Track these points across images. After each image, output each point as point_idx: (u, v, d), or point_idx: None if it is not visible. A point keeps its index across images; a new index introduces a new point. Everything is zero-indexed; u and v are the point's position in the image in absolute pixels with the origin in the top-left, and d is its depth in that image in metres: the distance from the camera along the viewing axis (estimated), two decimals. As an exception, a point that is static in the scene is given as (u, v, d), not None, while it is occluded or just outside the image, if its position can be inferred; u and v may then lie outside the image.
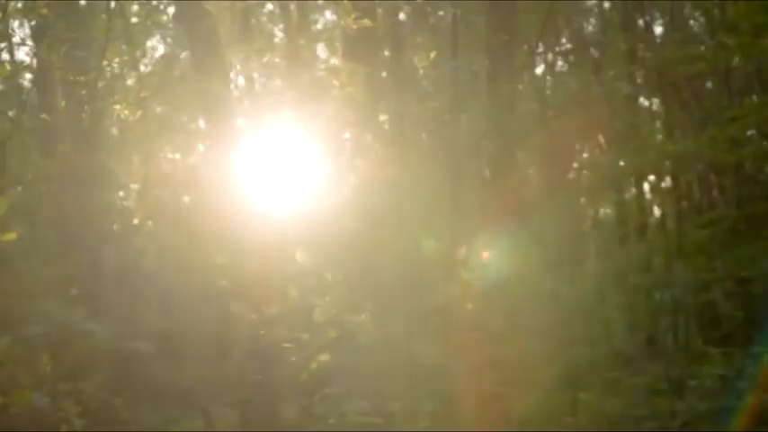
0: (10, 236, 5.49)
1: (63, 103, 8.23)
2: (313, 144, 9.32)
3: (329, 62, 7.99)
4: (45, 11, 8.26)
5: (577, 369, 11.61)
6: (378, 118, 11.46)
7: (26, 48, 13.29)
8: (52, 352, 5.34)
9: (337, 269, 6.21)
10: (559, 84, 22.04)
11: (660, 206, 23.25)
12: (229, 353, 5.82)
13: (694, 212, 19.62)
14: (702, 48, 15.48)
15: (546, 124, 16.66)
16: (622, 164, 16.50)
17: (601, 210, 24.17)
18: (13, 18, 12.94)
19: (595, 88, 18.20)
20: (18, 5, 9.72)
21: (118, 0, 10.46)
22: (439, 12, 19.28)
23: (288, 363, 5.89)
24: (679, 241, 15.49)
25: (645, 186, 21.56)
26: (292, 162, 9.04)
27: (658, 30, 20.96)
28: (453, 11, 11.74)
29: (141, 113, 11.37)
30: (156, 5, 12.43)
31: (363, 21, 7.63)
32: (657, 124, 21.42)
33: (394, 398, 6.45)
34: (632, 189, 21.06)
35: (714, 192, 20.36)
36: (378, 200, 7.80)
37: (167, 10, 14.00)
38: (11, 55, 15.01)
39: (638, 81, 18.97)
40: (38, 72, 11.34)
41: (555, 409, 11.58)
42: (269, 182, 8.72)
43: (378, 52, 14.39)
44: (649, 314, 14.69)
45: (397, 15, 18.39)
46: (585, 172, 19.94)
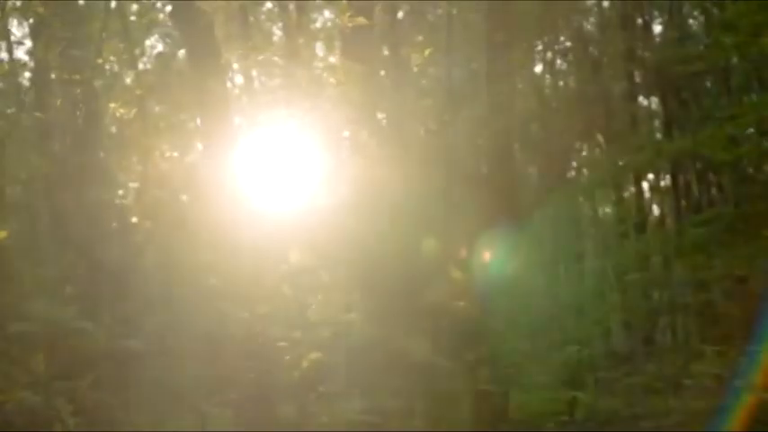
0: (1, 234, 5.47)
1: (59, 102, 8.22)
2: (310, 142, 9.31)
3: (327, 60, 7.97)
4: (41, 9, 8.25)
5: (574, 368, 11.60)
6: (375, 116, 11.44)
7: (25, 47, 13.28)
8: (44, 350, 5.34)
9: (332, 268, 6.20)
10: (559, 82, 22.02)
11: (659, 205, 23.24)
12: (223, 352, 5.81)
13: (693, 211, 19.60)
14: (701, 47, 15.46)
15: (545, 123, 16.65)
16: (621, 163, 16.48)
17: (600, 208, 24.14)
18: (12, 17, 12.94)
19: (594, 87, 18.18)
20: (17, 4, 9.71)
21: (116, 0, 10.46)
22: (438, 10, 19.25)
23: (282, 362, 5.87)
24: (677, 240, 15.47)
25: (644, 185, 21.55)
26: (289, 160, 9.03)
27: (657, 29, 20.97)
28: (449, 9, 11.74)
29: (139, 112, 11.38)
30: (153, 4, 12.41)
31: (359, 19, 7.61)
32: (656, 123, 21.38)
33: (389, 396, 6.44)
34: (631, 188, 21.03)
35: (713, 190, 20.34)
36: (373, 198, 7.80)
37: (165, 9, 13.98)
38: (9, 54, 15.01)
39: (636, 80, 18.95)
40: (35, 71, 11.33)
41: (551, 408, 11.57)
42: (265, 180, 8.71)
43: (376, 50, 14.37)
44: (647, 313, 14.66)
45: (396, 14, 18.39)
46: (585, 170, 19.95)
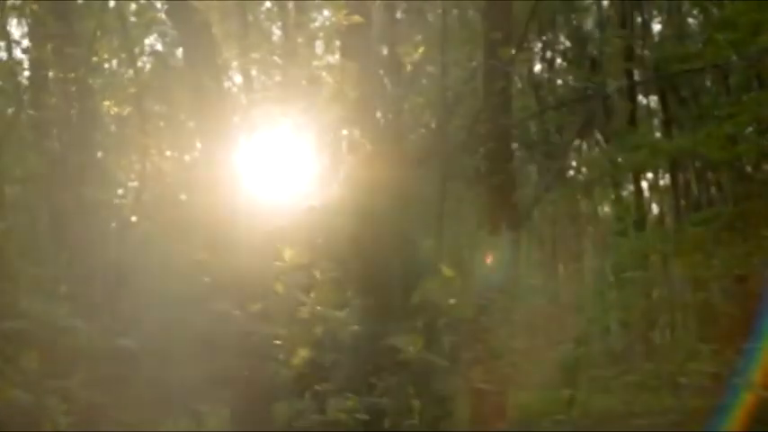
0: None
1: (53, 100, 8.21)
2: (307, 141, 9.30)
3: (325, 59, 7.95)
4: (35, 7, 8.24)
5: (571, 366, 11.58)
6: (373, 115, 11.43)
7: (24, 46, 13.27)
8: (38, 349, 5.33)
9: (326, 266, 6.20)
10: (558, 81, 22.00)
11: (658, 203, 23.23)
12: (216, 350, 5.80)
13: (692, 210, 19.58)
14: (699, 45, 15.44)
15: (543, 121, 16.63)
16: (619, 161, 16.46)
17: (599, 207, 24.13)
18: (11, 16, 12.93)
19: (593, 85, 18.15)
20: (16, 3, 9.71)
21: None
22: (438, 10, 19.21)
23: (275, 360, 5.87)
24: (676, 238, 15.46)
25: (643, 184, 21.54)
26: (285, 159, 9.03)
27: (656, 27, 20.96)
28: (443, 7, 11.73)
29: (137, 110, 11.38)
30: (151, 3, 12.42)
31: (355, 17, 7.59)
32: (656, 122, 21.37)
33: (383, 395, 6.44)
34: (630, 186, 21.02)
35: (712, 189, 20.33)
36: (368, 196, 7.79)
37: (163, 8, 13.98)
38: (8, 53, 15.00)
39: (635, 78, 18.93)
40: (32, 69, 11.33)
41: (548, 407, 11.56)
42: (261, 178, 8.71)
43: (374, 49, 14.35)
44: (645, 311, 14.66)
45: (394, 13, 18.35)
46: (583, 169, 19.93)
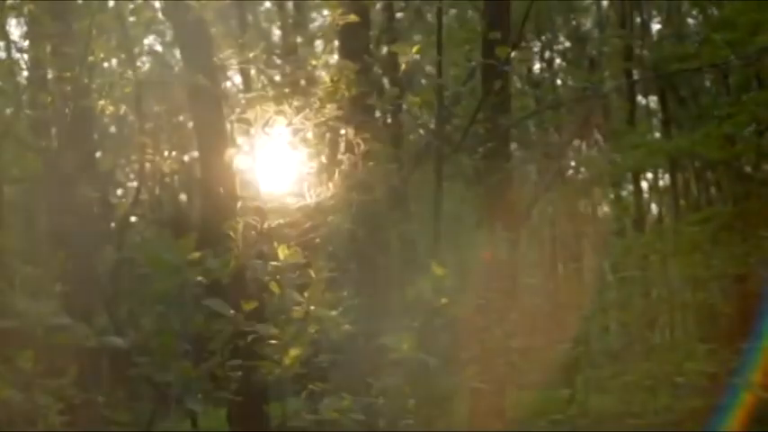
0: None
1: (49, 99, 8.20)
2: (304, 140, 9.28)
3: (324, 59, 7.92)
4: (32, 7, 8.22)
5: (569, 366, 11.59)
6: (371, 114, 11.43)
7: (21, 45, 13.26)
8: (29, 347, 5.30)
9: (322, 265, 6.19)
10: (557, 81, 22.01)
11: (658, 203, 23.25)
12: (211, 350, 5.78)
13: (692, 210, 19.61)
14: (696, 45, 15.44)
15: (542, 121, 16.63)
16: (618, 160, 16.45)
17: (598, 207, 24.14)
18: (10, 16, 12.93)
19: (592, 85, 18.16)
20: (15, 3, 9.70)
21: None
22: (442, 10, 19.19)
23: (270, 359, 5.85)
24: (675, 238, 15.46)
25: (643, 184, 21.56)
26: (282, 158, 9.02)
27: (656, 27, 20.98)
28: (438, 6, 11.69)
29: (134, 110, 11.36)
30: (148, 3, 12.40)
31: (350, 16, 7.55)
32: (655, 122, 21.40)
33: (378, 395, 6.43)
34: (630, 186, 21.04)
35: (712, 189, 20.36)
36: (364, 196, 7.79)
37: (161, 6, 13.96)
38: (8, 53, 14.99)
39: (635, 78, 18.94)
40: (31, 69, 11.32)
41: (546, 407, 11.57)
42: (257, 177, 8.70)
43: (373, 49, 14.35)
44: (644, 311, 14.66)
45: (393, 12, 18.36)
46: (582, 168, 19.92)
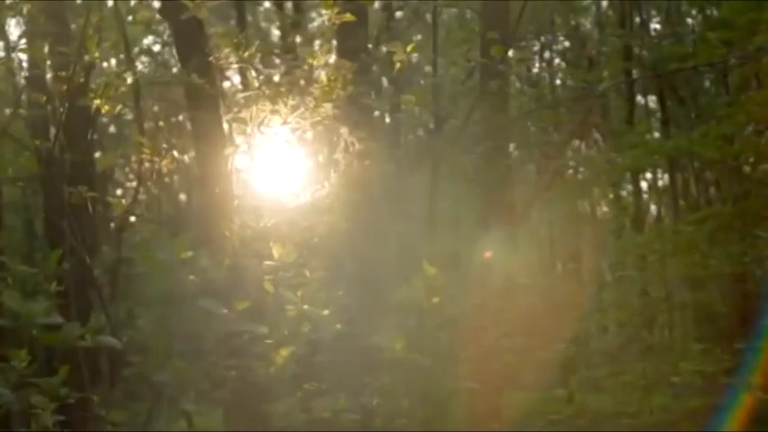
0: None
1: (44, 99, 8.21)
2: (300, 139, 9.27)
3: (323, 58, 7.88)
4: (29, 6, 8.21)
5: (567, 366, 11.58)
6: (368, 113, 11.42)
7: (20, 45, 13.26)
8: (23, 346, 5.32)
9: (316, 265, 6.19)
10: (556, 80, 22.00)
11: (657, 203, 23.23)
12: (206, 349, 5.79)
13: (691, 210, 19.58)
14: (692, 44, 15.42)
15: (541, 120, 16.60)
16: (618, 160, 16.43)
17: (598, 207, 24.13)
18: (8, 17, 12.92)
19: (591, 85, 18.14)
20: (13, 3, 9.69)
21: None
22: (437, 10, 19.19)
23: (264, 359, 5.85)
24: (674, 238, 15.42)
25: (642, 184, 21.55)
26: (278, 157, 9.00)
27: (655, 27, 20.94)
28: (433, 6, 11.70)
29: (133, 110, 11.41)
30: (146, 3, 12.40)
31: (346, 16, 7.54)
32: (654, 121, 21.36)
33: (372, 395, 6.42)
34: (629, 186, 21.02)
35: (711, 189, 20.32)
36: (360, 195, 7.77)
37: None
38: (7, 53, 14.99)
39: (634, 78, 18.91)
40: (29, 69, 11.34)
41: (543, 407, 11.56)
42: (253, 176, 8.69)
43: (371, 49, 14.33)
44: (643, 311, 14.64)
45: (393, 12, 18.35)
46: (582, 169, 19.89)
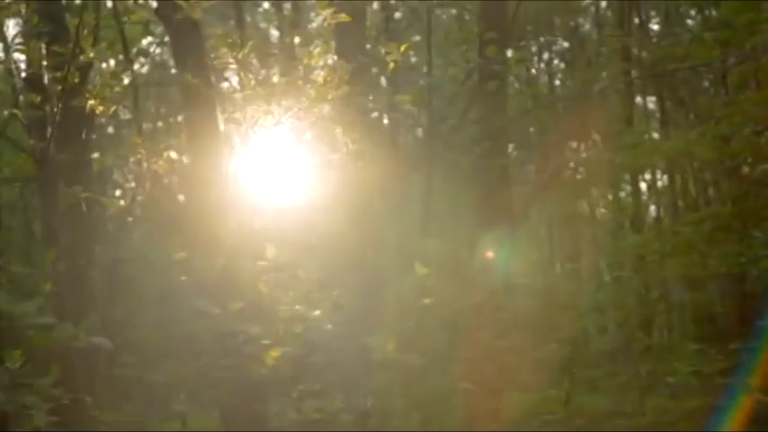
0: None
1: (39, 99, 8.21)
2: (296, 140, 9.27)
3: (321, 59, 7.86)
4: (25, 7, 8.23)
5: (564, 366, 11.57)
6: (365, 114, 11.42)
7: (17, 46, 13.26)
8: (17, 347, 5.30)
9: (310, 265, 6.18)
10: (555, 81, 21.99)
11: (656, 204, 23.19)
12: (199, 350, 5.77)
13: (690, 210, 19.55)
14: (688, 45, 15.39)
15: (540, 121, 16.62)
16: (617, 160, 16.41)
17: (597, 208, 24.09)
18: (7, 18, 12.93)
19: (590, 85, 18.12)
20: (11, 3, 9.69)
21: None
22: (435, 11, 19.19)
23: (258, 360, 5.84)
24: (672, 238, 15.41)
25: (641, 184, 21.50)
26: (274, 158, 9.00)
27: (655, 28, 20.92)
28: (427, 7, 11.70)
29: (131, 110, 11.40)
30: (144, 3, 12.40)
31: (342, 16, 7.54)
32: (653, 122, 21.35)
33: (366, 395, 6.41)
34: (628, 186, 21.00)
35: (710, 189, 20.29)
36: (355, 196, 7.76)
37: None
38: (6, 53, 14.99)
39: (633, 78, 18.88)
40: (27, 69, 11.34)
41: (541, 407, 11.54)
42: (249, 177, 8.68)
43: (367, 48, 14.33)
44: (641, 312, 14.64)
45: (392, 13, 18.35)
46: (581, 169, 19.87)
